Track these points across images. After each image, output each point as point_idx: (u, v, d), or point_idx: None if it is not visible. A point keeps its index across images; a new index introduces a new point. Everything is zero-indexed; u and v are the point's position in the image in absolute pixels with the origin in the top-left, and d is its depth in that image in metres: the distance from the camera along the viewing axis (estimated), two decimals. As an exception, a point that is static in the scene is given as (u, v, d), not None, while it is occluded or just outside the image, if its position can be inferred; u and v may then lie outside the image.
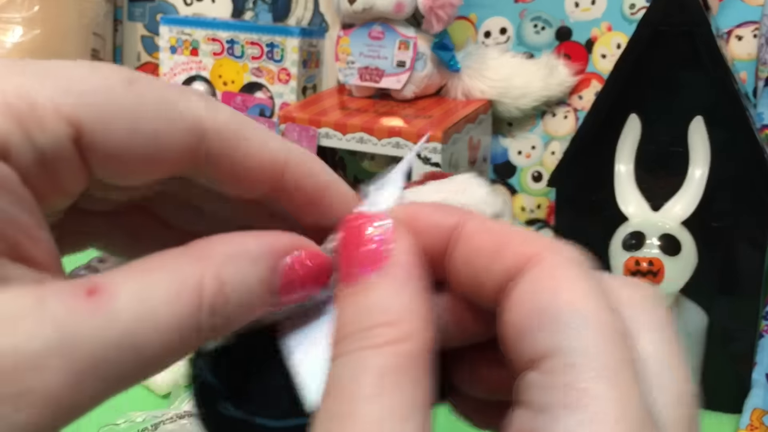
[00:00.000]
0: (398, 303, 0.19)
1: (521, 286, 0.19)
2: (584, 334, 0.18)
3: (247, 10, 1.01)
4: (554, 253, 0.20)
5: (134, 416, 0.63)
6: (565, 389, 0.17)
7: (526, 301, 0.19)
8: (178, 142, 0.19)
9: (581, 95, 0.88)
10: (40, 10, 0.94)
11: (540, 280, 0.19)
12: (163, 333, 0.18)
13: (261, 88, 0.96)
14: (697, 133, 0.68)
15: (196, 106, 0.19)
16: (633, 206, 0.70)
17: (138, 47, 1.08)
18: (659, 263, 0.65)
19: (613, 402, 0.17)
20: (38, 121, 0.17)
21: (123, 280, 0.18)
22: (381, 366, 0.18)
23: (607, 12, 0.85)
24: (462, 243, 0.21)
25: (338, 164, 0.96)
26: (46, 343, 0.16)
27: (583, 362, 0.18)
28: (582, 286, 0.19)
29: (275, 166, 0.21)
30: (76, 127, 0.17)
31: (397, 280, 0.20)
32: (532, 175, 0.91)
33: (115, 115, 0.18)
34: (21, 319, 0.16)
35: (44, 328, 0.16)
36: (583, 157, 0.72)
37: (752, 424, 0.67)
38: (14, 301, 0.16)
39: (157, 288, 0.18)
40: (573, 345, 0.18)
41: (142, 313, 0.17)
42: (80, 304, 0.17)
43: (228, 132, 0.20)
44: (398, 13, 0.82)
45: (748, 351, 0.71)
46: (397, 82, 0.85)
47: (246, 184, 0.21)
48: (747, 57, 0.80)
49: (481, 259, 0.20)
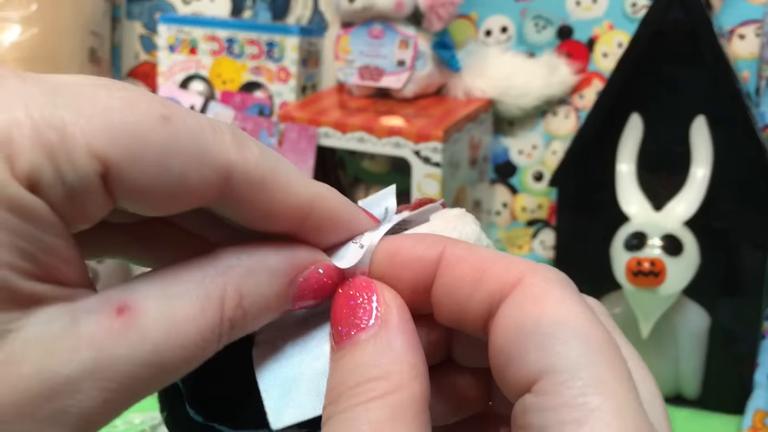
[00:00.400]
0: (387, 358, 0.19)
1: (505, 311, 0.19)
2: (574, 349, 0.18)
3: (246, 9, 1.00)
4: (535, 274, 0.20)
5: (132, 418, 0.62)
6: (562, 408, 0.17)
7: (511, 326, 0.19)
8: (205, 182, 0.19)
9: (582, 94, 0.87)
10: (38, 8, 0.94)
11: (523, 302, 0.19)
12: (187, 348, 0.18)
13: (260, 87, 0.96)
14: (699, 133, 0.68)
15: (227, 148, 0.19)
16: (635, 206, 0.69)
17: (136, 46, 1.07)
18: (661, 264, 0.64)
19: (611, 413, 0.17)
20: (68, 155, 0.17)
21: (149, 295, 0.18)
22: (374, 420, 0.18)
23: (608, 11, 0.84)
24: (443, 274, 0.21)
25: (338, 164, 0.96)
26: (81, 366, 0.17)
27: (576, 378, 0.17)
28: (566, 303, 0.19)
29: (300, 210, 0.21)
30: (104, 164, 0.17)
31: (385, 336, 0.20)
32: (533, 174, 0.91)
33: (145, 153, 0.18)
34: (57, 342, 0.17)
35: (80, 352, 0.17)
36: (584, 156, 0.72)
37: (754, 426, 0.67)
38: (49, 323, 0.17)
39: (183, 303, 0.19)
40: (564, 362, 0.18)
41: (170, 331, 0.18)
42: (112, 325, 0.17)
43: (255, 175, 0.20)
44: (398, 11, 0.82)
45: (750, 352, 0.71)
46: (397, 81, 0.84)
47: (268, 225, 0.21)
48: (749, 56, 0.79)
49: (463, 288, 0.20)
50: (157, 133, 0.18)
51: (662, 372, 0.73)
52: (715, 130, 0.67)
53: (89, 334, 0.17)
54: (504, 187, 0.93)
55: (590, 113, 0.71)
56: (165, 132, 0.18)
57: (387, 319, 0.20)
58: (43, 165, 0.17)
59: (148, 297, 0.18)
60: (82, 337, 0.17)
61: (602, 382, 0.17)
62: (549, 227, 0.90)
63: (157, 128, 0.18)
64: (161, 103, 0.18)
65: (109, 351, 0.17)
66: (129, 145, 0.17)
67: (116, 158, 0.17)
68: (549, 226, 0.90)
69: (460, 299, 0.20)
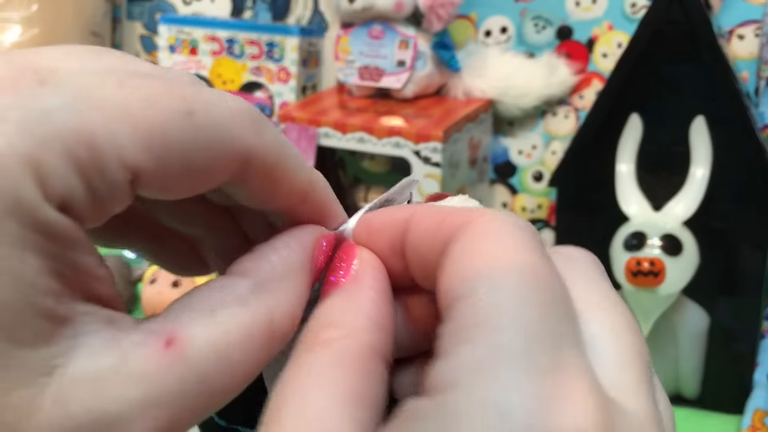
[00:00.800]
0: (347, 309, 0.19)
1: (449, 254, 0.18)
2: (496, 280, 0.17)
3: (246, 9, 1.01)
4: (484, 215, 0.19)
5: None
6: (462, 328, 0.16)
7: (451, 269, 0.18)
8: (225, 168, 0.19)
9: (582, 95, 0.87)
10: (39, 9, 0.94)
11: (465, 243, 0.18)
12: (237, 376, 0.18)
13: (260, 87, 0.96)
14: (699, 133, 0.68)
15: (247, 134, 0.19)
16: (634, 206, 0.69)
17: (137, 46, 1.07)
18: (660, 264, 0.64)
19: (508, 331, 0.16)
20: (99, 169, 0.16)
21: (194, 325, 0.18)
22: (315, 363, 0.18)
23: (608, 11, 0.84)
24: (410, 231, 0.20)
25: (338, 164, 0.96)
26: (131, 403, 0.16)
27: (485, 301, 0.17)
28: (505, 240, 0.18)
29: (301, 193, 0.22)
30: (134, 173, 0.17)
31: (353, 289, 0.20)
32: (532, 174, 0.91)
33: (171, 153, 0.18)
34: (105, 378, 0.16)
35: (129, 389, 0.16)
36: (584, 156, 0.72)
37: (754, 425, 0.67)
38: (95, 356, 0.16)
39: (229, 332, 0.18)
40: (476, 287, 0.17)
41: (219, 360, 0.18)
42: (161, 360, 0.17)
43: (269, 159, 0.20)
44: (398, 11, 0.82)
45: (749, 352, 0.71)
46: (397, 81, 0.84)
47: (270, 204, 0.22)
48: (749, 56, 0.80)
49: (426, 240, 0.20)
50: (183, 132, 0.18)
51: (662, 372, 0.73)
52: (715, 131, 0.67)
53: (138, 370, 0.17)
54: (504, 188, 0.93)
55: (590, 113, 0.71)
56: (190, 128, 0.18)
57: (358, 276, 0.20)
58: (74, 183, 0.16)
59: (194, 326, 0.18)
60: (131, 373, 0.17)
61: (509, 302, 0.16)
62: (549, 227, 0.90)
63: (182, 126, 0.18)
64: (182, 94, 0.18)
65: (159, 387, 0.17)
66: (156, 151, 0.17)
67: (145, 165, 0.17)
68: (549, 226, 0.90)
69: (424, 252, 0.20)
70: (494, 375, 0.15)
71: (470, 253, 0.18)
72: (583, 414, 0.15)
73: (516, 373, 0.15)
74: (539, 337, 0.16)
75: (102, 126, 0.16)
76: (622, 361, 0.18)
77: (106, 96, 0.17)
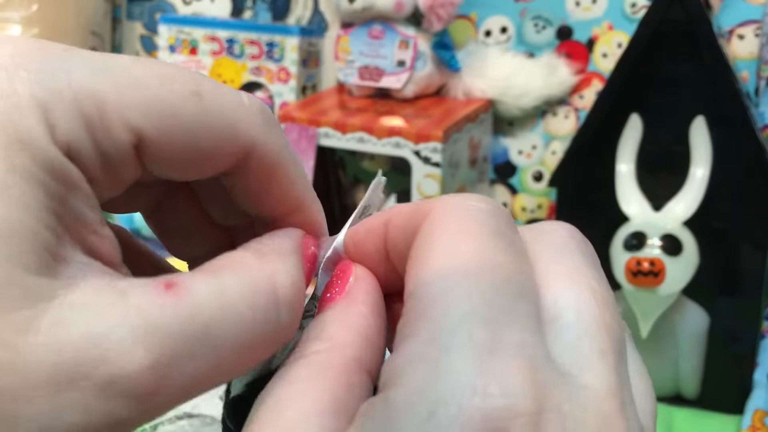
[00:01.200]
0: (336, 324, 0.20)
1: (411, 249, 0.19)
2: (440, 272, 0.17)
3: (246, 9, 1.01)
4: (441, 205, 0.19)
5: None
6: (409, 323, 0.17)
7: (409, 265, 0.18)
8: (229, 155, 0.20)
9: (582, 95, 0.87)
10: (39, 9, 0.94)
11: (421, 237, 0.19)
12: (245, 334, 0.18)
13: (260, 87, 0.96)
14: (699, 133, 0.68)
15: (254, 126, 0.20)
16: (634, 206, 0.69)
17: (137, 46, 1.07)
18: (660, 264, 0.64)
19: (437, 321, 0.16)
20: (105, 126, 0.18)
21: (196, 278, 0.18)
22: (293, 375, 0.18)
23: (608, 11, 0.84)
24: (389, 231, 0.21)
25: (338, 164, 0.96)
26: (132, 332, 0.16)
27: (427, 294, 0.17)
28: (454, 230, 0.18)
29: (291, 206, 0.22)
30: (138, 136, 0.18)
31: (344, 305, 0.20)
32: (532, 174, 0.91)
33: (175, 128, 0.19)
34: (106, 308, 0.16)
35: (130, 318, 0.16)
36: (584, 156, 0.72)
37: (754, 425, 0.67)
38: (97, 293, 0.16)
39: (233, 285, 0.18)
40: (425, 280, 0.17)
41: (223, 308, 0.17)
42: (162, 297, 0.17)
43: (270, 158, 0.21)
44: (398, 11, 0.82)
45: (749, 352, 0.71)
46: (397, 81, 0.84)
47: (260, 205, 0.22)
48: (749, 56, 0.80)
49: (400, 237, 0.20)
50: (188, 109, 0.19)
51: (662, 372, 0.73)
52: (715, 131, 0.67)
53: (138, 304, 0.16)
54: (504, 188, 0.93)
55: (590, 113, 0.71)
56: (196, 108, 0.19)
57: (351, 292, 0.21)
58: (81, 134, 0.17)
59: (195, 279, 0.18)
60: (130, 306, 0.16)
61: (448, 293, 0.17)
62: (549, 227, 0.90)
63: (188, 104, 0.19)
64: (195, 79, 0.19)
65: (160, 320, 0.16)
66: (161, 120, 0.18)
67: (149, 131, 0.18)
68: (549, 226, 0.90)
69: (401, 251, 0.20)
70: (431, 364, 0.16)
71: (422, 245, 0.18)
72: (514, 390, 0.15)
73: (451, 359, 0.16)
74: (477, 323, 0.16)
75: (113, 90, 0.18)
76: (581, 333, 0.17)
77: (124, 69, 0.18)
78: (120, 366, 0.16)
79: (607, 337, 0.18)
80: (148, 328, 0.16)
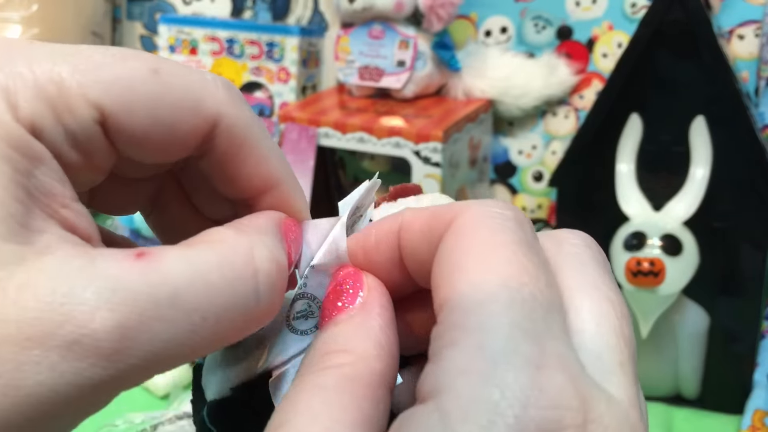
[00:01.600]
0: (358, 336, 0.20)
1: (437, 255, 0.19)
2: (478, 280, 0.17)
3: (246, 9, 1.01)
4: (468, 211, 0.19)
5: (133, 417, 0.62)
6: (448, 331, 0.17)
7: (437, 270, 0.19)
8: (194, 130, 0.20)
9: (582, 95, 0.87)
10: (39, 9, 0.94)
11: (449, 242, 0.19)
12: (217, 304, 0.18)
13: (260, 87, 0.96)
14: (699, 133, 0.68)
15: (218, 99, 0.20)
16: (634, 206, 0.69)
17: (137, 46, 1.07)
18: (660, 263, 0.64)
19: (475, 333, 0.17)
20: (67, 104, 0.18)
21: (169, 249, 0.18)
22: (320, 385, 0.18)
23: (608, 11, 0.84)
24: (403, 238, 0.21)
25: (338, 164, 0.96)
26: (97, 293, 0.16)
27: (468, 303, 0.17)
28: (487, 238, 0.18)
29: (265, 184, 0.22)
30: (100, 112, 0.19)
31: (362, 316, 0.20)
32: (532, 174, 0.91)
33: (137, 103, 0.19)
34: (74, 272, 0.16)
35: (96, 280, 0.16)
36: (584, 156, 0.72)
37: (754, 425, 0.67)
38: (68, 259, 0.17)
39: (206, 254, 0.18)
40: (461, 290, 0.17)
41: (194, 276, 0.18)
42: (130, 263, 0.17)
43: (238, 132, 0.21)
44: (398, 12, 0.82)
45: (749, 352, 0.71)
46: (397, 81, 0.84)
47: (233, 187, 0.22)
48: (749, 56, 0.80)
49: (419, 243, 0.20)
50: (147, 85, 0.19)
51: (661, 372, 0.73)
52: (715, 131, 0.67)
53: (105, 268, 0.17)
54: (504, 188, 0.93)
55: (590, 113, 0.71)
56: (154, 83, 0.19)
57: (368, 303, 0.21)
58: (43, 113, 0.18)
59: (167, 250, 0.18)
60: (98, 270, 0.17)
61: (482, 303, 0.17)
62: (549, 227, 0.90)
63: (146, 80, 0.19)
64: (153, 59, 0.20)
65: (126, 284, 0.17)
66: (121, 96, 0.19)
67: (110, 106, 0.19)
68: (549, 226, 0.90)
69: (419, 257, 0.20)
70: (481, 375, 0.16)
71: (453, 253, 0.18)
72: (562, 403, 0.16)
73: (500, 371, 0.16)
74: (521, 335, 0.17)
75: (73, 71, 0.19)
76: (603, 346, 0.18)
77: (84, 55, 0.19)
78: (83, 325, 0.16)
79: (626, 349, 0.18)
80: (114, 289, 0.16)
